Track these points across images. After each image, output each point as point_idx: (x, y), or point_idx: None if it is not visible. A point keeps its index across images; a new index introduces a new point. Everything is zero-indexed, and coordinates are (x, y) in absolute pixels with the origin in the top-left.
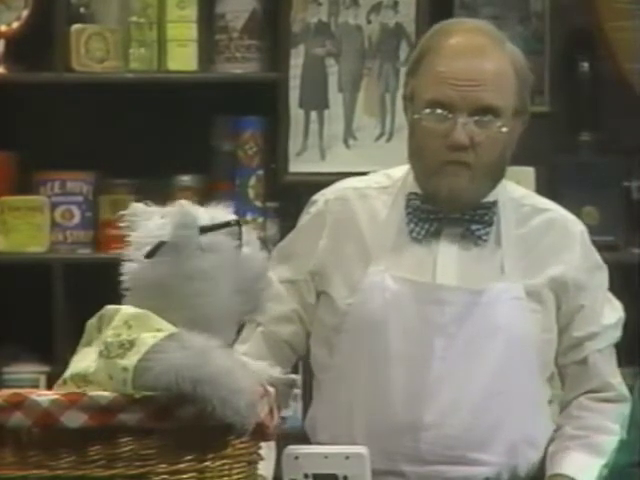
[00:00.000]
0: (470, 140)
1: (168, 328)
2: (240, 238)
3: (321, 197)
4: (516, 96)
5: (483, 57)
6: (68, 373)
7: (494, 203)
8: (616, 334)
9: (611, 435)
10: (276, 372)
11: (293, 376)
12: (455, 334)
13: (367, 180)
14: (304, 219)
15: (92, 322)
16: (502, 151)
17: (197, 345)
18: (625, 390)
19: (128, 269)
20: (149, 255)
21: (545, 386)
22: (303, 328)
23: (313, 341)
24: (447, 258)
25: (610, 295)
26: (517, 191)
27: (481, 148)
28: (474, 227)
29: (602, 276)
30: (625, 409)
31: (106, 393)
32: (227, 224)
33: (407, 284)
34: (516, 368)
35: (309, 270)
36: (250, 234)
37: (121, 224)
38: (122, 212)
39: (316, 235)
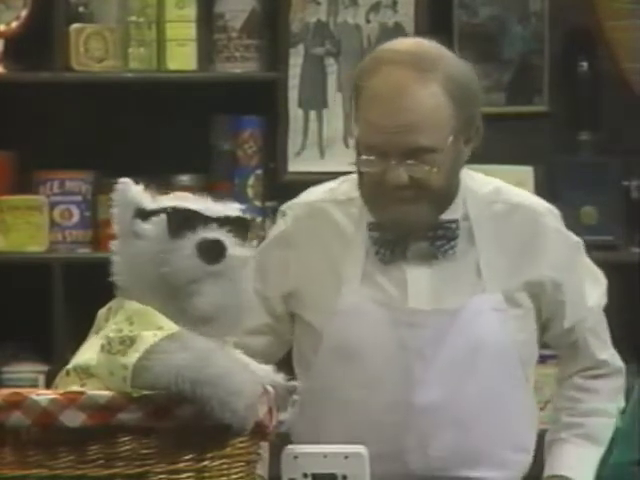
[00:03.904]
0: (409, 178)
1: (170, 327)
2: (177, 229)
3: (289, 211)
4: (454, 120)
5: (407, 98)
6: (72, 364)
7: (455, 220)
8: (603, 302)
9: (607, 417)
10: (279, 378)
11: (294, 383)
12: (433, 356)
13: (335, 189)
14: (274, 232)
15: (102, 311)
16: (447, 176)
17: (198, 346)
18: (617, 361)
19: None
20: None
21: (529, 385)
22: (277, 338)
23: (294, 361)
24: (418, 279)
25: (590, 266)
26: (486, 186)
27: (422, 182)
28: (438, 243)
29: (579, 256)
30: (619, 382)
31: (105, 392)
32: (162, 211)
33: (381, 308)
34: (501, 381)
35: (281, 293)
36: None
37: None
38: None
39: (286, 257)
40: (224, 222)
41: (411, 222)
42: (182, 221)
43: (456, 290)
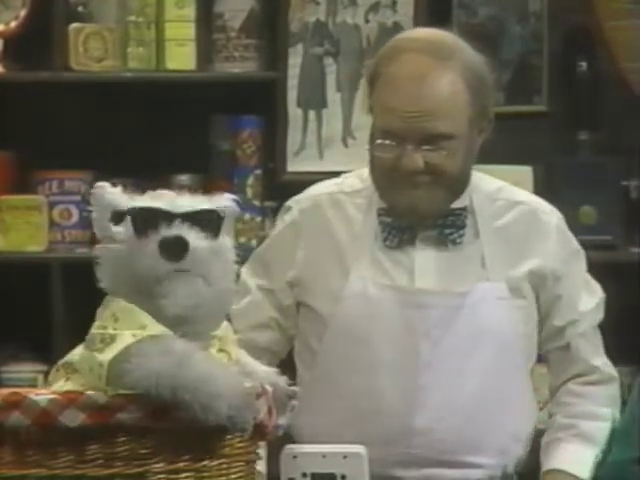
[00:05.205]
0: (425, 163)
1: (154, 326)
2: (141, 229)
3: (295, 205)
4: (470, 109)
5: (427, 84)
6: (63, 360)
7: (464, 208)
8: (598, 316)
9: (602, 421)
10: (282, 381)
11: (294, 388)
12: (440, 338)
13: (340, 184)
14: (279, 227)
15: (100, 309)
16: (462, 163)
17: (177, 350)
18: (611, 370)
19: None
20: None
21: (529, 378)
22: (282, 334)
23: (295, 355)
24: (424, 262)
25: (588, 277)
26: (490, 185)
27: (437, 168)
28: (447, 231)
29: (579, 262)
30: (613, 390)
31: (103, 393)
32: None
33: (387, 291)
34: (504, 369)
35: (287, 281)
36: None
37: None
38: None
39: (292, 246)
40: (191, 217)
41: (424, 208)
42: (145, 220)
43: (462, 276)
